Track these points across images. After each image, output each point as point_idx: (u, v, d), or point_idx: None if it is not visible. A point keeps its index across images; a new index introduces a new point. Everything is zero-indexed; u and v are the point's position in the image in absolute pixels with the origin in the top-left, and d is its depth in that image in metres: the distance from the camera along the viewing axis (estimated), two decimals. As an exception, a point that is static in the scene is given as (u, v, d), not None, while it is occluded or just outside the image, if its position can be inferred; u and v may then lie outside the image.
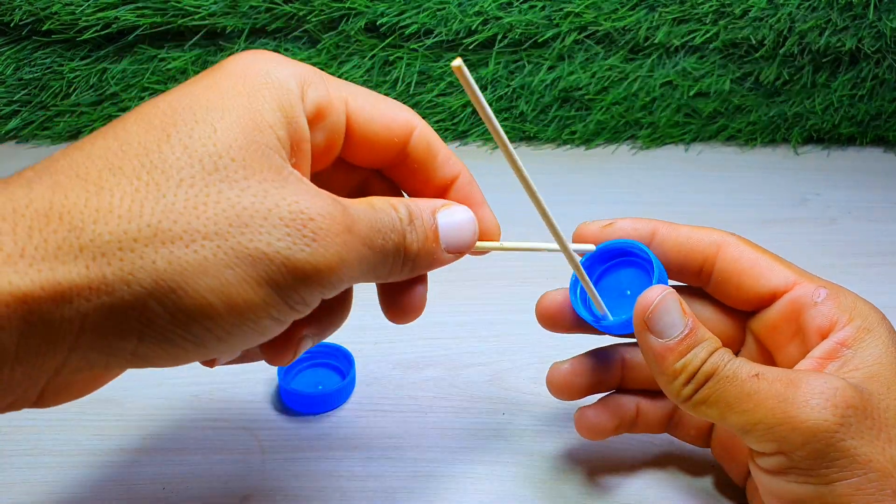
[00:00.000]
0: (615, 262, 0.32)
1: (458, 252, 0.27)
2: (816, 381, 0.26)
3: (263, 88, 0.22)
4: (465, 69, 0.22)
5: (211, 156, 0.21)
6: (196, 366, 0.25)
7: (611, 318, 0.30)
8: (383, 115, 0.26)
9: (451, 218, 0.26)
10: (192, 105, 0.22)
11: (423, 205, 0.26)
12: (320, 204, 0.22)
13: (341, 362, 0.39)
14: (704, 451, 0.35)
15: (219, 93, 0.22)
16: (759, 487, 0.28)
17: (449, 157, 0.28)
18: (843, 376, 0.26)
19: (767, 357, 0.31)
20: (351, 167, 0.28)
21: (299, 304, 0.22)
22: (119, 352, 0.20)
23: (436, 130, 0.62)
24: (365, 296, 0.31)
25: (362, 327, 0.40)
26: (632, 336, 0.31)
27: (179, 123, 0.21)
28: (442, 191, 0.28)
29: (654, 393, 0.33)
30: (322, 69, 0.69)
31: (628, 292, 0.32)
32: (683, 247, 0.31)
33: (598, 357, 0.33)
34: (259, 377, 0.39)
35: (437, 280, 0.49)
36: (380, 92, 0.65)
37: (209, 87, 0.22)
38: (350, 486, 0.33)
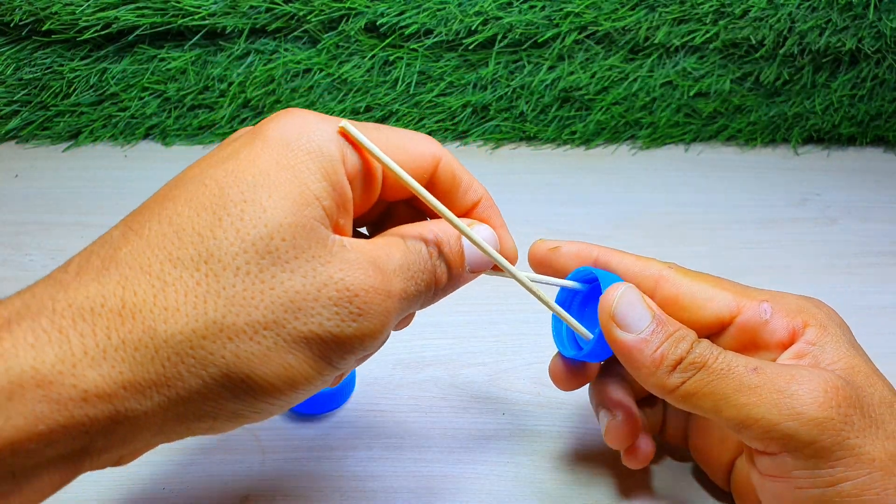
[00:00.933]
0: (590, 295, 0.32)
1: (479, 271, 0.28)
2: (818, 376, 0.26)
3: (306, 158, 0.23)
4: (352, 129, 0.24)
5: (262, 238, 0.22)
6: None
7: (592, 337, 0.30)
8: (413, 153, 0.27)
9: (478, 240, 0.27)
10: (239, 182, 0.22)
11: (449, 230, 0.26)
12: (362, 278, 0.23)
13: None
14: (704, 451, 0.35)
15: (263, 166, 0.23)
16: (759, 490, 0.28)
17: (471, 182, 0.29)
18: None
19: None
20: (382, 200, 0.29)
21: (344, 365, 0.24)
22: (196, 430, 0.23)
23: (436, 130, 0.63)
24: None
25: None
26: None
27: (229, 205, 0.22)
28: (465, 215, 0.29)
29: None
30: (322, 69, 0.69)
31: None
32: (623, 279, 0.30)
33: None
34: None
35: (437, 280, 0.49)
36: (380, 92, 0.66)
37: (252, 159, 0.23)
38: (350, 486, 0.33)
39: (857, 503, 0.25)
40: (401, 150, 0.26)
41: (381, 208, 0.29)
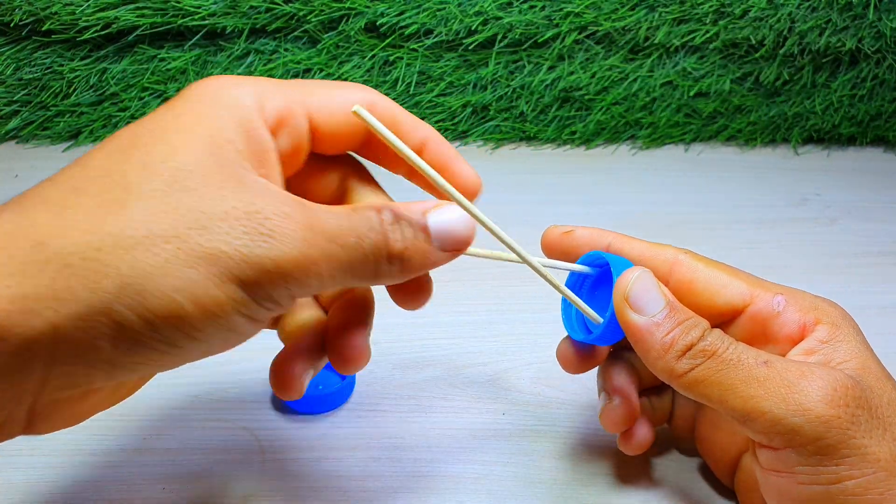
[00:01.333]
0: (600, 279, 0.32)
1: (454, 250, 0.26)
2: (828, 374, 0.25)
3: (221, 109, 0.23)
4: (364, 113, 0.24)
5: (170, 170, 0.21)
6: (196, 366, 0.25)
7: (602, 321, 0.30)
8: (341, 102, 0.26)
9: (443, 216, 0.26)
10: (153, 130, 0.22)
11: (413, 206, 0.26)
12: (277, 203, 0.22)
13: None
14: (704, 451, 0.35)
15: (178, 117, 0.23)
16: (761, 484, 0.28)
17: (415, 124, 0.28)
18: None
19: None
20: (327, 167, 0.28)
21: (268, 302, 0.22)
22: (95, 361, 0.21)
23: (437, 130, 0.62)
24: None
25: (362, 327, 0.40)
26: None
27: (140, 146, 0.22)
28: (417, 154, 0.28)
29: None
30: (322, 69, 0.69)
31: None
32: (637, 264, 0.30)
33: None
34: (259, 377, 0.39)
35: (437, 280, 0.49)
36: (379, 91, 0.65)
37: (169, 113, 0.23)
38: (350, 486, 0.33)
39: (859, 502, 0.24)
40: (329, 101, 0.26)
41: (334, 184, 0.29)
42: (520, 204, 0.57)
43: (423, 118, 0.66)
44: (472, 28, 0.63)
